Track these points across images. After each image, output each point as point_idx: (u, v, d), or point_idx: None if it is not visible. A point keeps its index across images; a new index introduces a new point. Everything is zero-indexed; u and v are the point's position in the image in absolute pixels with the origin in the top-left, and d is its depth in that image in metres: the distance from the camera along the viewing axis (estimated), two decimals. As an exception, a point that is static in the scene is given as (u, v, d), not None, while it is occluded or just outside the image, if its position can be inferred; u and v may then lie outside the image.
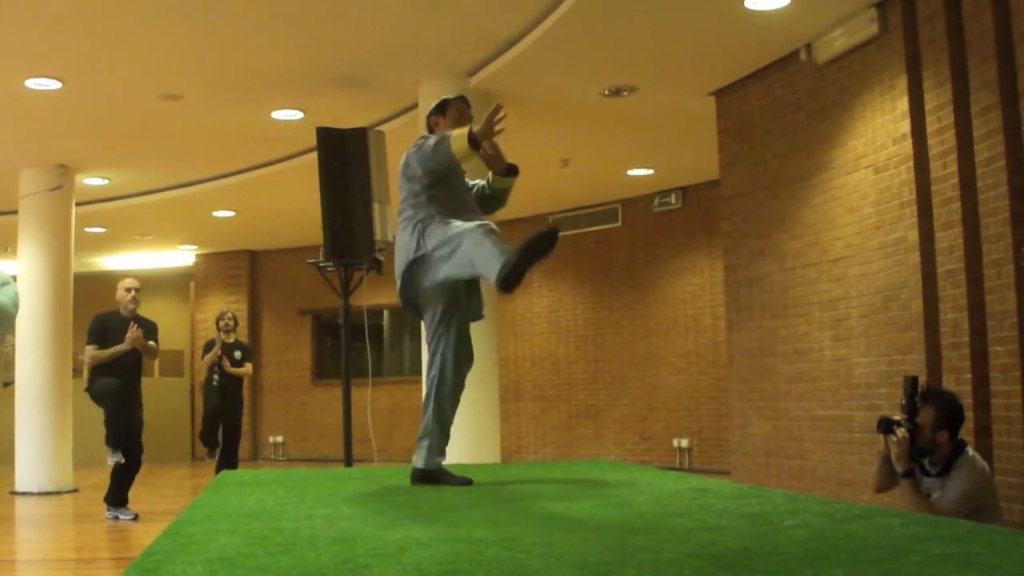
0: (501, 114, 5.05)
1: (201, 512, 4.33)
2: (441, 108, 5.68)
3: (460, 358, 5.33)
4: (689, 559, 2.83)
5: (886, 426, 5.83)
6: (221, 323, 12.46)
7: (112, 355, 9.84)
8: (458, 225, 5.03)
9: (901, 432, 5.76)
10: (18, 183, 13.35)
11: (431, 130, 5.58)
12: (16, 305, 7.04)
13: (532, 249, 4.54)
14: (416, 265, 5.18)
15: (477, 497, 4.26)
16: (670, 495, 4.50)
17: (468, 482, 5.04)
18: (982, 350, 7.06)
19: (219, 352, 12.06)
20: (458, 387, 5.35)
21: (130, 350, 9.87)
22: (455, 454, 9.28)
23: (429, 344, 5.35)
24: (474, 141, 5.08)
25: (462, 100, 5.69)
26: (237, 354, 12.28)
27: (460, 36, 8.90)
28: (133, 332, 9.73)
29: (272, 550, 3.17)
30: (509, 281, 4.52)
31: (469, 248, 4.83)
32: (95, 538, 8.55)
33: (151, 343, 10.04)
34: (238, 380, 12.37)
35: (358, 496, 4.82)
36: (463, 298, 5.41)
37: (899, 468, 5.76)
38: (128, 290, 10.22)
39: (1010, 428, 6.73)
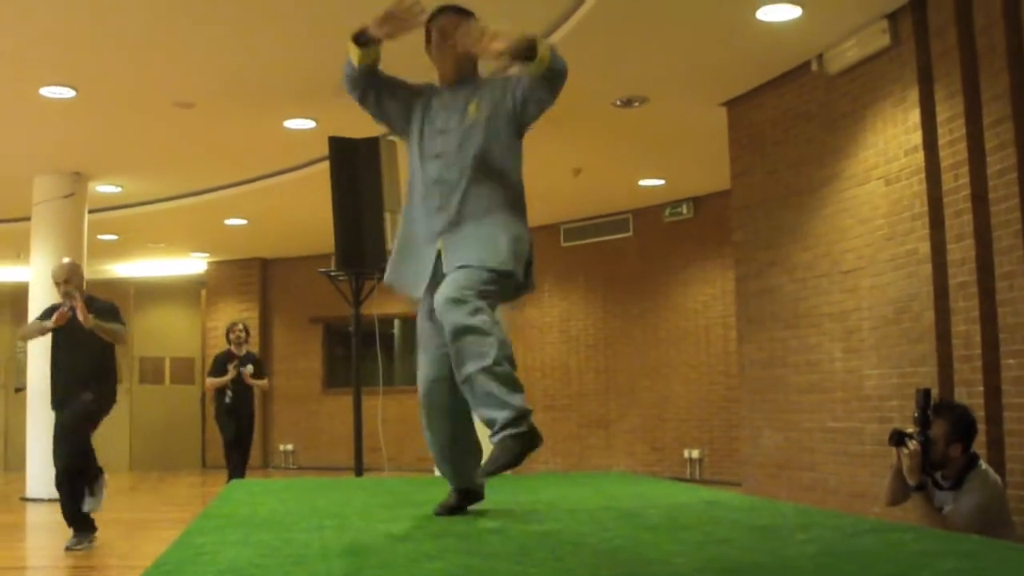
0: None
1: (211, 522, 4.34)
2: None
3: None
4: (699, 573, 2.84)
5: (898, 439, 5.81)
6: (232, 335, 12.32)
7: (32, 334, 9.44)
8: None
9: (913, 445, 5.73)
10: (31, 190, 13.36)
11: None
12: None
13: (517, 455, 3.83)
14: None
15: (488, 509, 4.26)
16: (680, 508, 4.51)
17: None
18: (994, 363, 7.04)
19: (235, 373, 11.97)
20: None
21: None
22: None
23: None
24: (362, 36, 4.43)
25: (442, 13, 4.46)
26: (249, 368, 12.19)
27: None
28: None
29: (283, 562, 3.18)
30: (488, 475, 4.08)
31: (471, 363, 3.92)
32: (104, 546, 8.54)
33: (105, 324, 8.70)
34: (250, 399, 12.19)
35: (369, 507, 4.82)
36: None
37: (911, 481, 5.73)
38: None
39: (1022, 441, 6.72)
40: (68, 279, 8.65)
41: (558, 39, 8.53)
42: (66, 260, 9.08)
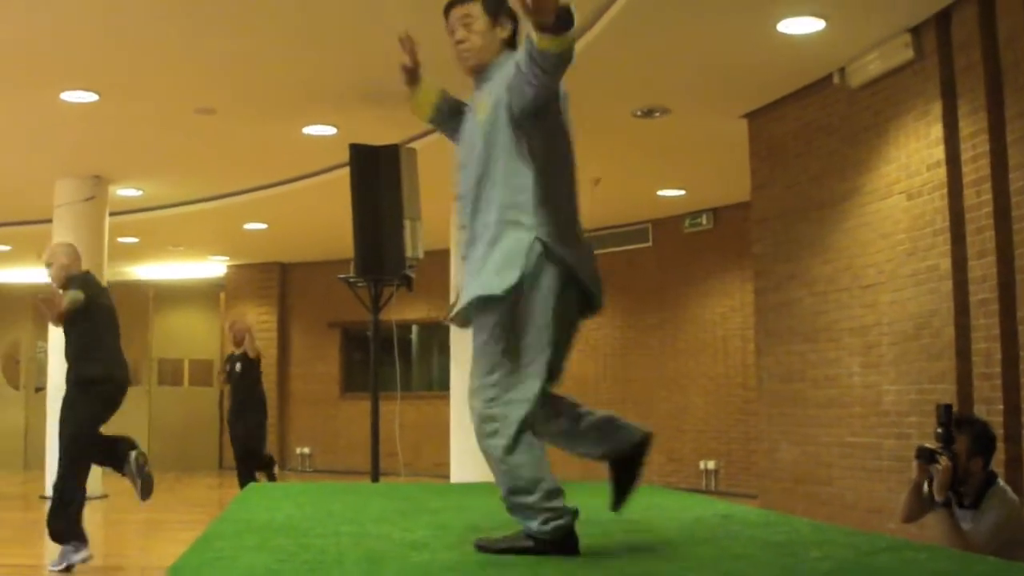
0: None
1: (229, 526, 4.36)
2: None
3: None
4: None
5: (929, 456, 5.78)
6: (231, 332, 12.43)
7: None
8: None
9: (944, 461, 5.72)
10: (53, 193, 13.43)
11: None
12: None
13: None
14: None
15: (504, 520, 4.27)
16: (696, 521, 4.51)
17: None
18: (1014, 381, 7.02)
19: (222, 374, 12.03)
20: None
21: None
22: (477, 472, 9.31)
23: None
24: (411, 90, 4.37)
25: (446, 11, 4.17)
26: (238, 366, 12.22)
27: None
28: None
29: (299, 568, 3.20)
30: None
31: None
32: (123, 545, 8.56)
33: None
34: (248, 402, 12.20)
35: (385, 513, 4.82)
36: None
37: (939, 497, 5.72)
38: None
39: (1041, 459, 6.71)
40: (48, 262, 8.38)
41: (579, 49, 8.54)
42: (53, 243, 8.70)
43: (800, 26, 8.18)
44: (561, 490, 3.61)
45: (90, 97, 10.02)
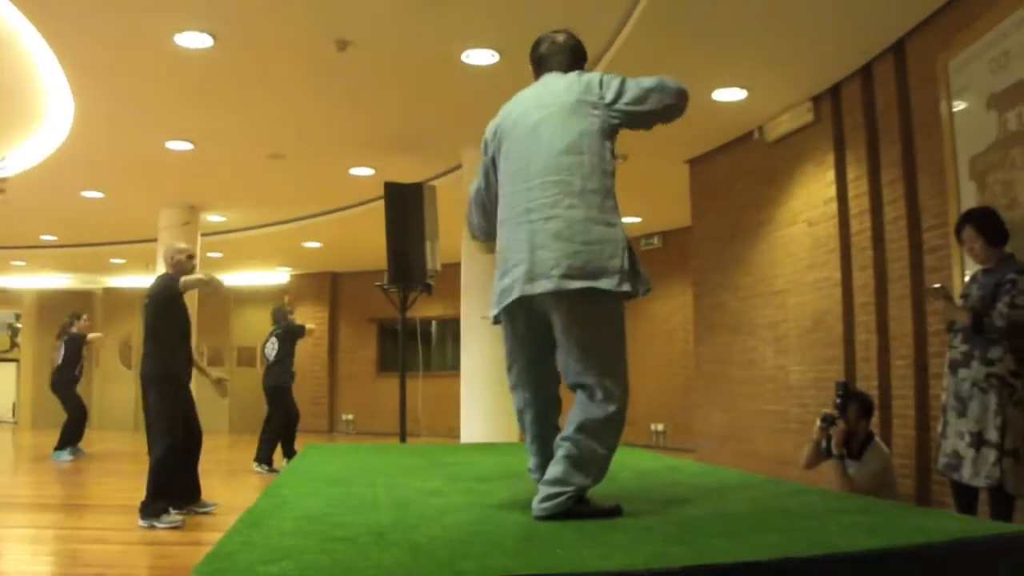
0: None
1: (292, 477, 4.39)
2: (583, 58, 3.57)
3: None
4: (662, 525, 2.87)
5: (831, 420, 5.90)
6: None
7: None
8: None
9: (841, 424, 5.84)
10: (157, 218, 13.46)
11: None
12: None
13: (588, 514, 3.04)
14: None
15: (503, 471, 4.27)
16: (649, 472, 4.52)
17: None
18: (886, 363, 7.06)
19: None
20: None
21: None
22: (481, 434, 9.33)
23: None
24: None
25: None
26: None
27: (496, 111, 8.90)
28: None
29: (345, 511, 3.21)
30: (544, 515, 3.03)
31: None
32: (211, 490, 8.38)
33: None
34: (273, 373, 11.18)
35: (409, 467, 4.84)
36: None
37: (837, 452, 5.82)
38: (191, 257, 7.24)
39: (905, 423, 6.73)
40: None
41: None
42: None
43: (729, 95, 8.22)
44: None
45: (187, 146, 10.07)
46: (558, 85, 3.37)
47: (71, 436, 12.67)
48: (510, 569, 2.29)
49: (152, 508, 6.61)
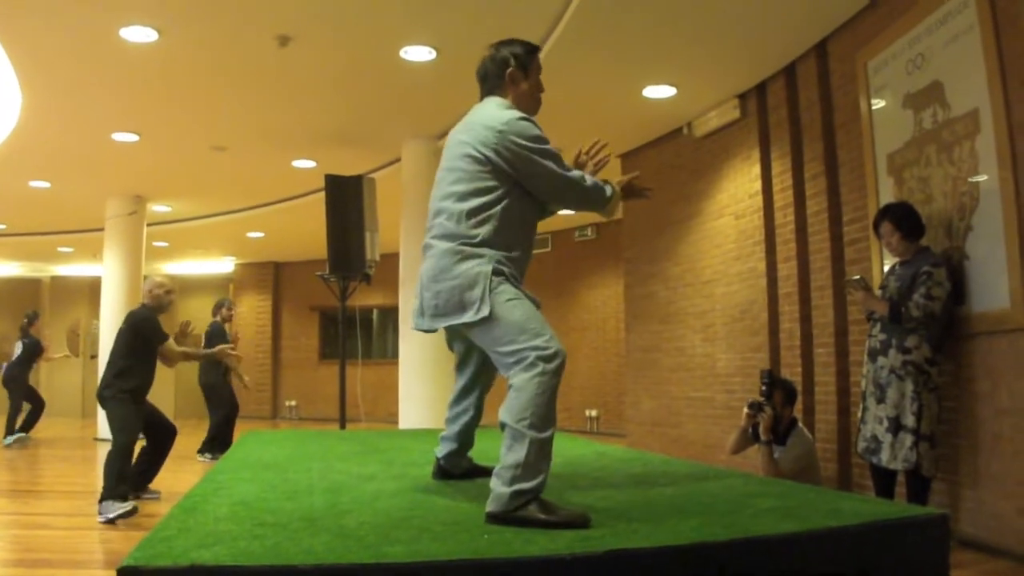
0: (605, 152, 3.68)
1: (229, 463, 4.29)
2: (527, 59, 3.38)
3: None
4: (587, 511, 2.85)
5: (758, 407, 5.92)
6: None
7: (206, 356, 8.28)
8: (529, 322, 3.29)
9: (768, 411, 5.86)
10: (104, 208, 13.30)
11: (505, 83, 3.35)
12: None
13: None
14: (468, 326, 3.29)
15: (430, 457, 4.23)
16: (578, 458, 4.51)
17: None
18: (809, 351, 7.14)
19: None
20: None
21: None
22: (419, 420, 9.28)
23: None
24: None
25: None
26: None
27: (434, 106, 8.85)
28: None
29: (280, 496, 3.16)
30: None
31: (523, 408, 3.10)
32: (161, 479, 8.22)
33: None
34: (206, 369, 10.80)
35: (346, 453, 4.77)
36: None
37: (764, 437, 5.84)
38: (169, 292, 7.09)
39: (827, 408, 6.81)
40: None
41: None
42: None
43: (659, 92, 8.25)
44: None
45: (133, 138, 9.90)
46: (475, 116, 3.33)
47: (25, 426, 12.63)
48: (437, 553, 2.26)
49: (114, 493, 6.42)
